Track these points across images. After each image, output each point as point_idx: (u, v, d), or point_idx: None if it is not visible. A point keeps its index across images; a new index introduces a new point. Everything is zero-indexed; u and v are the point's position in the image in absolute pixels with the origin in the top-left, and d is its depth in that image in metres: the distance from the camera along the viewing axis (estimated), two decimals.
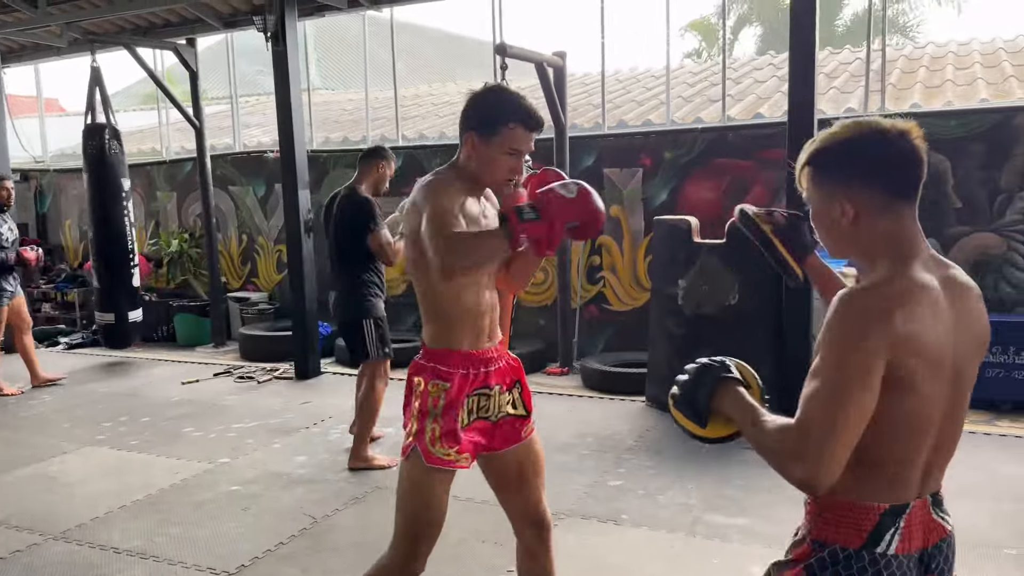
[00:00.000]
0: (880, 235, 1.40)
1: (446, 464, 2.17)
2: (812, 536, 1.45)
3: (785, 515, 3.69)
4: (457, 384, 2.19)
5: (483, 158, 2.16)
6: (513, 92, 2.22)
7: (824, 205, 1.44)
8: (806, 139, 4.78)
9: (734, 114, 6.94)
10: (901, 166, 1.41)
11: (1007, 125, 5.68)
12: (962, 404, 1.45)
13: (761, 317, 5.18)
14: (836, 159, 1.42)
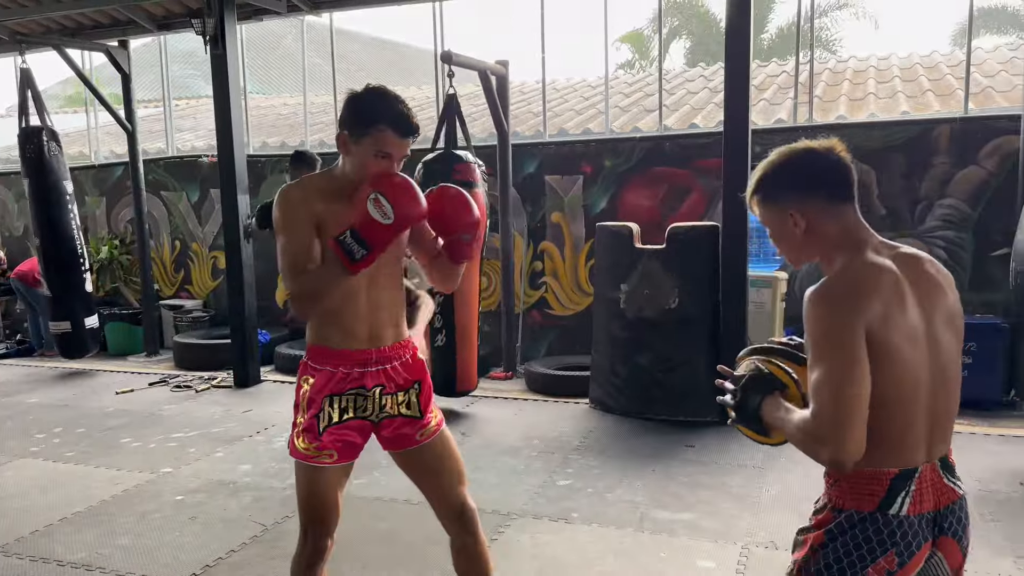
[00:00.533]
0: (831, 235, 1.63)
1: (306, 459, 2.22)
2: (832, 504, 1.61)
3: (728, 510, 3.86)
4: (320, 381, 2.22)
5: (354, 158, 2.15)
6: (391, 95, 2.17)
7: (778, 222, 1.67)
8: (741, 149, 5.00)
9: (670, 124, 7.15)
10: (834, 174, 1.64)
11: (926, 136, 6.01)
12: (948, 371, 1.60)
13: (699, 320, 5.35)
14: (780, 181, 1.66)
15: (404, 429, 2.30)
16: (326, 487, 2.25)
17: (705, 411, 5.31)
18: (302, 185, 2.23)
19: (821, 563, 1.59)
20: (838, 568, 1.57)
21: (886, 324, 1.50)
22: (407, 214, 2.07)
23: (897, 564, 1.55)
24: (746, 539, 3.53)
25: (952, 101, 6.73)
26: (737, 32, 5.20)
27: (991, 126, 5.87)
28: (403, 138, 2.14)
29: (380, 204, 2.04)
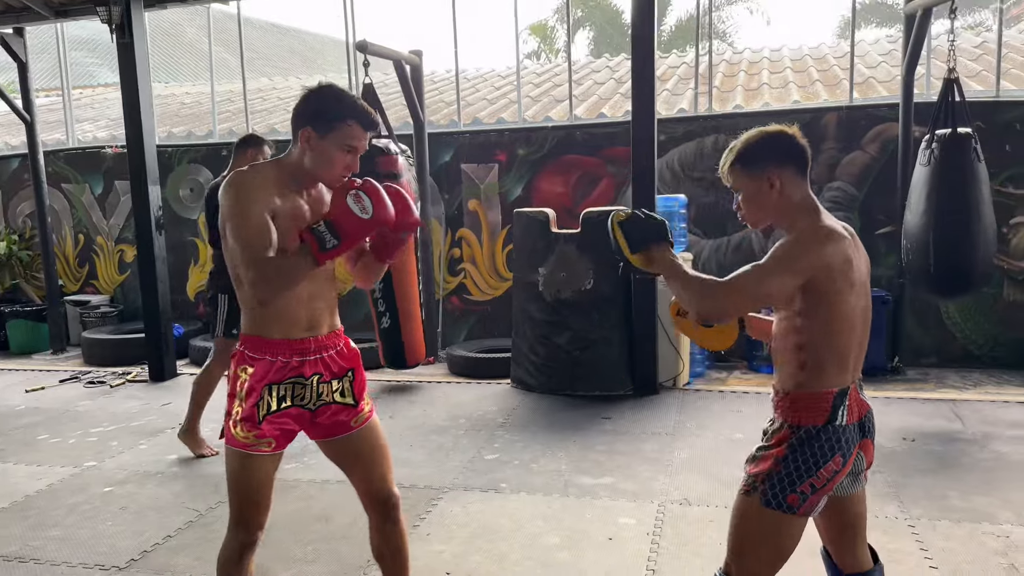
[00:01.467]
0: (797, 201, 2.02)
1: (245, 447, 2.21)
2: (789, 422, 1.97)
3: (643, 473, 4.15)
4: (260, 370, 2.22)
5: (320, 153, 2.17)
6: (348, 92, 2.25)
7: (755, 185, 2.02)
8: (648, 137, 5.29)
9: (579, 114, 7.42)
10: (801, 152, 2.04)
11: (816, 124, 6.47)
12: (867, 314, 2.03)
13: (613, 299, 5.64)
14: (760, 152, 2.02)
15: (339, 416, 2.34)
16: (262, 475, 2.26)
17: (620, 386, 5.62)
18: (255, 172, 2.21)
19: (784, 471, 1.94)
20: (799, 472, 1.93)
21: (842, 271, 1.91)
22: (384, 215, 2.12)
23: (841, 463, 1.94)
24: (662, 498, 3.81)
25: (838, 91, 7.24)
26: (642, 28, 5.49)
27: (873, 114, 6.38)
28: (367, 131, 2.21)
29: (360, 200, 2.08)
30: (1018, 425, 4.70)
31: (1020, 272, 6.15)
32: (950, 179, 4.82)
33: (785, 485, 1.93)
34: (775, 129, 2.03)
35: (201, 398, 4.62)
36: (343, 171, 2.21)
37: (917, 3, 5.54)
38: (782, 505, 1.94)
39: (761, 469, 1.97)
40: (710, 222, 6.75)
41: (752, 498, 1.98)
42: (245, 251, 2.11)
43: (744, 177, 2.02)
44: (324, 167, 2.19)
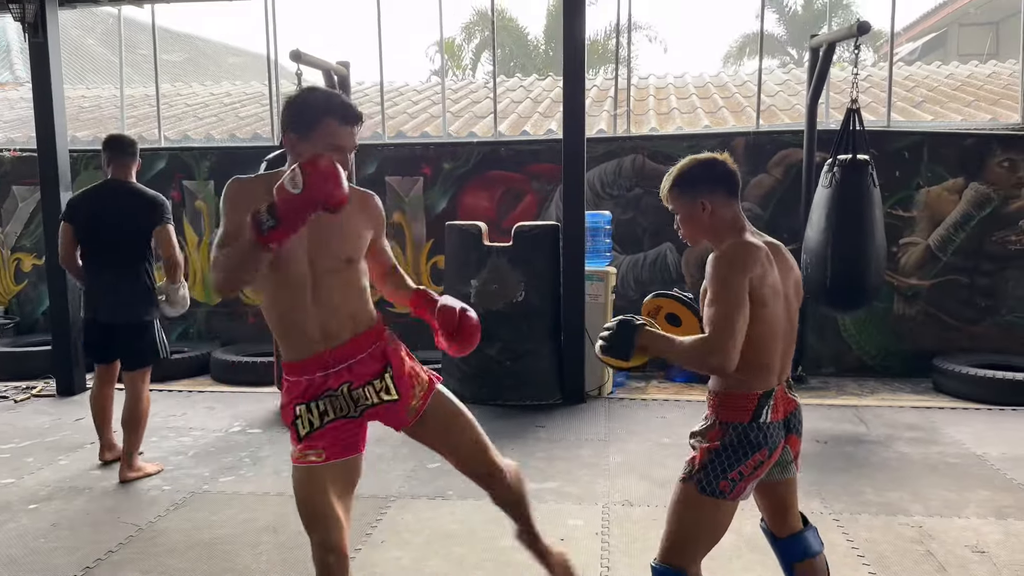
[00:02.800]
0: (726, 221, 2.22)
1: (294, 460, 2.29)
2: (720, 419, 2.18)
3: (584, 477, 4.31)
4: (290, 391, 2.32)
5: (304, 156, 2.10)
6: (327, 90, 2.26)
7: (689, 207, 2.22)
8: (578, 156, 5.50)
9: (502, 130, 7.59)
10: (730, 177, 2.25)
11: (725, 147, 6.85)
12: (793, 322, 2.26)
13: (543, 311, 5.80)
14: (694, 177, 2.23)
15: (391, 412, 2.37)
16: (317, 488, 2.24)
17: (550, 395, 5.79)
18: (252, 179, 2.30)
19: (716, 460, 2.15)
20: (729, 462, 2.15)
21: (762, 282, 2.10)
22: (320, 191, 1.97)
23: (767, 455, 2.16)
24: (605, 499, 3.98)
25: (743, 117, 7.71)
26: (573, 54, 5.70)
27: (778, 139, 6.84)
28: (350, 126, 2.19)
29: (295, 175, 1.98)
30: (915, 428, 5.14)
31: (908, 288, 6.72)
32: (849, 201, 5.24)
33: (718, 473, 2.14)
34: (707, 156, 2.23)
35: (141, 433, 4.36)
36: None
37: (822, 38, 6.01)
38: (715, 491, 2.15)
39: (697, 458, 2.19)
40: (628, 238, 7.04)
41: (689, 485, 2.19)
42: (216, 247, 2.17)
43: (680, 199, 2.22)
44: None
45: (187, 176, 7.54)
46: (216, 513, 3.86)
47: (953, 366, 6.03)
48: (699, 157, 2.24)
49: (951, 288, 6.70)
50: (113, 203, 4.28)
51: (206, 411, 5.73)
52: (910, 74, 9.88)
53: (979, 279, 6.68)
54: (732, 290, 2.05)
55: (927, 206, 6.69)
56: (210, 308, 7.57)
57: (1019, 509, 3.80)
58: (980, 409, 5.60)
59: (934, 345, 6.59)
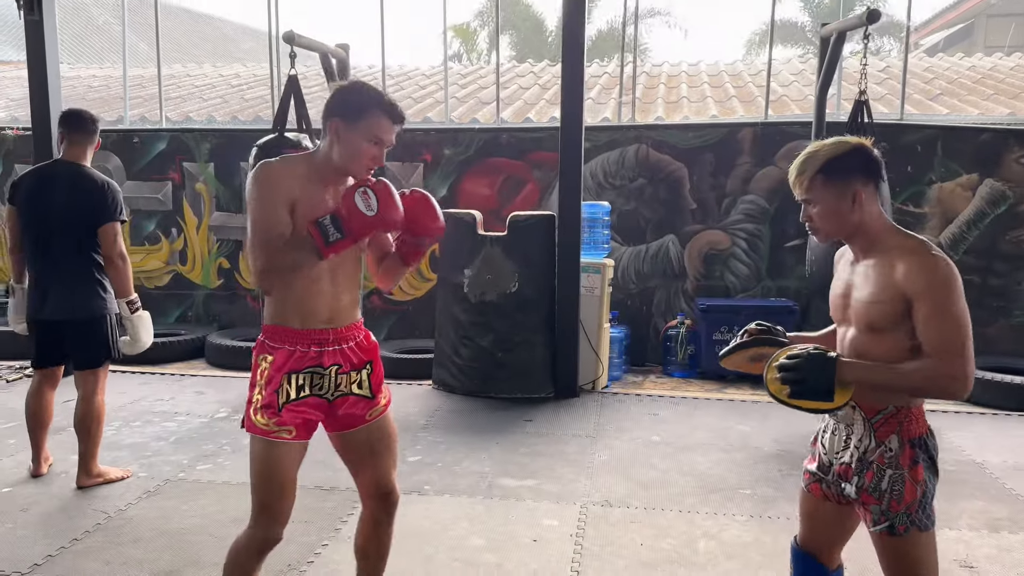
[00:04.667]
0: (875, 216, 1.98)
1: (266, 434, 2.22)
2: (906, 437, 1.95)
3: (565, 475, 4.21)
4: (280, 358, 2.25)
5: (347, 144, 2.21)
6: (376, 88, 2.29)
7: (837, 198, 1.96)
8: (576, 145, 5.35)
9: (505, 117, 7.46)
10: (880, 168, 2.01)
11: (732, 138, 6.70)
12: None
13: (537, 303, 5.69)
14: (848, 165, 1.96)
15: (355, 408, 2.35)
16: (284, 464, 2.24)
17: (542, 388, 5.68)
18: (283, 163, 2.25)
19: (927, 490, 1.95)
20: (932, 482, 1.97)
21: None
22: (390, 215, 2.14)
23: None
24: (584, 499, 3.87)
25: (753, 107, 7.53)
26: (572, 37, 5.56)
27: (787, 131, 6.65)
28: (395, 125, 2.23)
29: (367, 197, 2.11)
30: None
31: None
32: None
33: (928, 501, 1.95)
34: (857, 142, 1.99)
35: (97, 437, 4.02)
36: (369, 163, 2.24)
37: (832, 27, 5.81)
38: (932, 521, 1.95)
39: (910, 499, 1.92)
40: (630, 230, 6.90)
41: (908, 535, 1.93)
42: (255, 241, 2.16)
43: (828, 187, 1.96)
44: (350, 158, 2.21)
45: (187, 158, 7.48)
46: (187, 502, 3.80)
47: None
48: (849, 140, 1.99)
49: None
50: (61, 187, 3.83)
51: (195, 396, 5.68)
52: (930, 66, 9.62)
53: (991, 279, 6.49)
54: (960, 305, 1.84)
55: (939, 202, 6.49)
56: (209, 290, 7.53)
57: (1014, 522, 3.66)
58: (985, 414, 5.43)
59: None
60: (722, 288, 6.86)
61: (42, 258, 3.87)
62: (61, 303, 3.85)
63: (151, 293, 7.55)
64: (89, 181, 3.86)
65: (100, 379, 4.00)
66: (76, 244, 3.85)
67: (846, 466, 2.03)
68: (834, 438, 2.08)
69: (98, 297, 3.91)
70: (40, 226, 3.85)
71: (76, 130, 3.90)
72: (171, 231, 7.52)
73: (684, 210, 6.86)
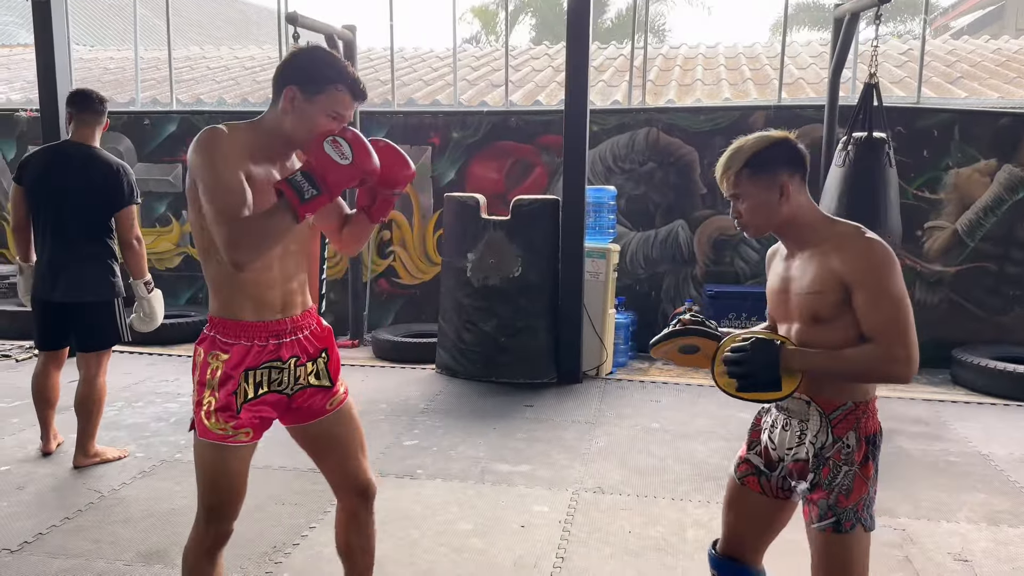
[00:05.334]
0: (804, 207, 1.96)
1: (221, 439, 2.07)
2: (862, 434, 1.91)
3: (560, 461, 4.18)
4: (236, 356, 2.08)
5: (302, 116, 2.03)
6: (337, 55, 2.11)
7: (765, 190, 1.93)
8: (580, 127, 5.27)
9: (516, 100, 7.39)
10: (805, 158, 1.98)
11: (744, 122, 6.58)
12: None
13: (541, 288, 5.65)
14: (771, 157, 1.94)
15: (314, 400, 2.22)
16: (238, 467, 2.11)
17: (545, 373, 5.65)
18: (230, 129, 2.02)
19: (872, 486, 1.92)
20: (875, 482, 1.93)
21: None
22: (367, 163, 1.95)
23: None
24: (576, 485, 3.84)
25: (768, 90, 7.38)
26: (578, 16, 5.48)
27: (800, 114, 6.52)
28: (356, 101, 2.08)
29: (339, 145, 1.91)
30: (922, 422, 4.89)
31: (932, 275, 6.40)
32: (861, 181, 4.95)
33: (873, 500, 1.92)
34: (780, 135, 1.97)
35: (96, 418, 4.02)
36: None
37: (846, 7, 5.67)
38: (873, 521, 1.92)
39: (858, 496, 1.89)
40: (639, 214, 6.82)
41: (853, 532, 1.88)
42: (217, 210, 1.92)
43: (754, 180, 1.93)
44: (305, 132, 2.03)
45: None
46: (180, 483, 3.82)
47: (971, 357, 5.73)
48: (773, 134, 1.96)
49: (978, 276, 6.36)
50: (73, 169, 3.82)
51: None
52: (953, 48, 9.38)
53: (1008, 267, 6.34)
54: (899, 287, 1.81)
55: (956, 188, 6.34)
56: None
57: (1015, 515, 3.58)
58: (996, 404, 5.32)
59: (957, 335, 6.27)
60: (732, 274, 6.76)
61: (53, 239, 3.85)
62: (73, 285, 3.84)
63: (162, 275, 7.60)
64: (104, 164, 3.85)
65: (103, 361, 4.02)
66: (88, 226, 3.86)
67: (801, 463, 1.96)
68: (785, 433, 2.01)
69: (108, 280, 3.93)
70: (51, 207, 3.83)
71: (84, 110, 3.86)
72: (182, 213, 7.56)
73: (694, 195, 6.76)
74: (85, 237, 3.86)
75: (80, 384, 4.00)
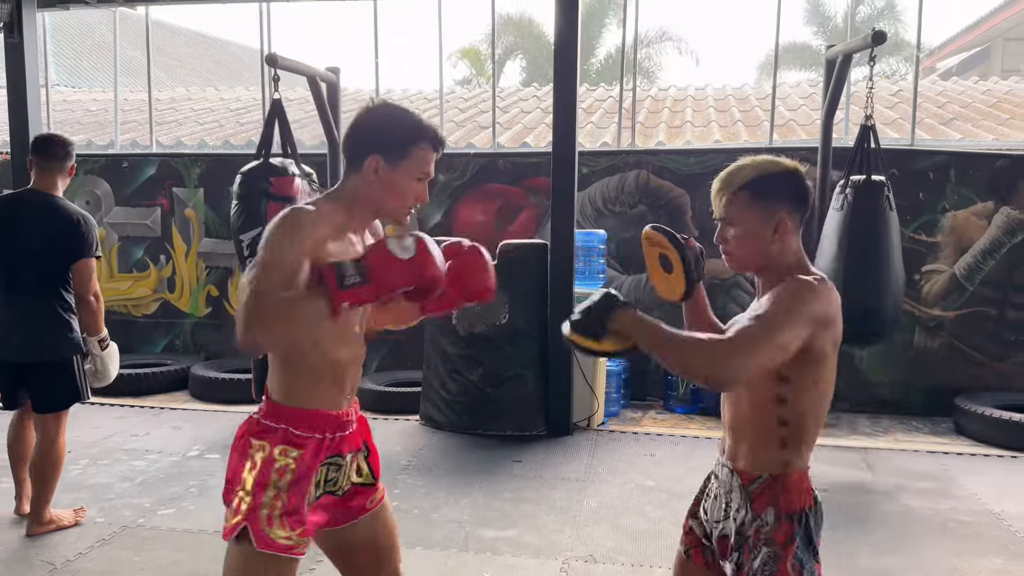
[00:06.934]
0: (792, 248, 1.77)
1: (284, 550, 1.78)
2: (784, 513, 1.69)
3: (549, 524, 3.93)
4: (311, 451, 1.84)
5: (389, 186, 1.85)
6: (407, 109, 1.95)
7: (758, 221, 1.74)
8: (568, 169, 5.09)
9: (503, 142, 7.26)
10: (810, 198, 1.79)
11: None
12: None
13: (528, 335, 5.43)
14: (778, 186, 1.74)
15: (356, 499, 1.99)
16: None
17: (533, 425, 5.41)
18: (317, 208, 1.83)
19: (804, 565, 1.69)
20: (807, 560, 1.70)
21: (830, 332, 1.68)
22: (427, 269, 1.75)
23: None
24: (566, 554, 3.59)
25: (759, 132, 7.28)
26: (565, 57, 5.36)
27: (792, 156, 6.26)
28: (438, 152, 1.92)
29: (405, 244, 1.73)
30: (928, 477, 4.67)
31: (931, 319, 6.22)
32: (862, 225, 4.81)
33: None
34: (793, 167, 1.76)
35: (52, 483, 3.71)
36: (414, 202, 1.92)
37: (838, 49, 5.57)
38: None
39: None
40: (631, 258, 6.64)
41: None
42: (254, 280, 1.69)
43: (751, 206, 1.74)
44: (395, 200, 1.88)
45: (177, 183, 7.31)
46: (140, 552, 3.56)
47: (975, 406, 5.53)
48: (782, 162, 1.76)
49: (978, 320, 6.19)
50: (29, 218, 3.58)
51: (170, 431, 5.44)
52: (944, 90, 9.35)
53: (1009, 311, 6.17)
54: (792, 319, 1.61)
55: (953, 231, 6.20)
56: (196, 319, 7.32)
57: None
58: (1004, 456, 5.10)
59: (957, 381, 6.08)
60: (725, 319, 6.56)
61: (5, 294, 3.60)
62: (25, 344, 3.58)
63: (138, 321, 7.37)
64: (62, 215, 3.60)
65: (62, 422, 3.73)
66: (43, 280, 3.60)
67: (725, 540, 1.77)
68: (715, 504, 1.82)
69: (65, 337, 3.65)
70: (4, 259, 3.59)
71: (43, 156, 3.65)
72: (159, 258, 7.35)
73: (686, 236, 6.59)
74: (40, 292, 3.59)
75: (36, 448, 3.71)
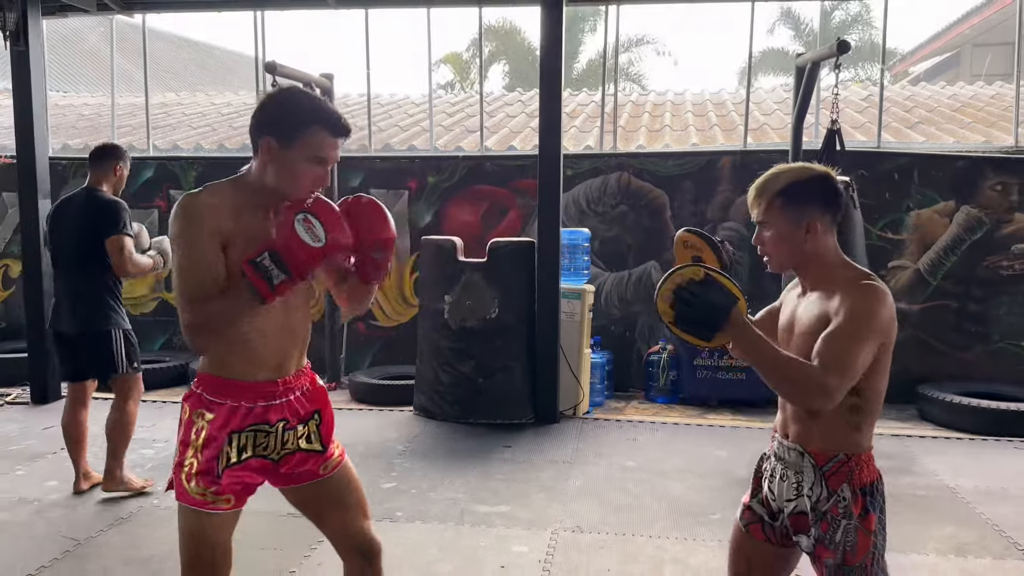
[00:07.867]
0: (830, 248, 1.94)
1: (200, 505, 1.96)
2: (857, 487, 1.87)
3: (539, 500, 4.22)
4: (222, 417, 1.97)
5: (283, 167, 1.92)
6: (313, 94, 2.01)
7: (791, 225, 1.92)
8: (554, 172, 5.38)
9: (490, 145, 7.55)
10: (840, 199, 1.95)
11: (712, 166, 6.78)
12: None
13: (517, 329, 5.72)
14: (805, 192, 1.92)
15: (306, 465, 2.10)
16: (220, 534, 2.01)
17: (522, 414, 5.70)
18: (210, 193, 1.93)
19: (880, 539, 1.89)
20: (884, 534, 1.90)
21: (891, 333, 1.86)
22: (339, 240, 1.87)
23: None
24: (555, 525, 3.88)
25: (734, 135, 7.62)
26: (550, 64, 5.66)
27: (765, 159, 6.70)
28: (338, 138, 1.95)
29: (310, 224, 1.83)
30: (890, 457, 4.98)
31: (897, 313, 6.55)
32: None
33: (882, 553, 1.88)
34: (824, 172, 1.93)
35: (121, 445, 4.22)
36: (311, 186, 1.94)
37: (807, 57, 5.91)
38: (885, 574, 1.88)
39: (864, 551, 1.84)
40: (613, 256, 6.95)
41: None
42: (181, 290, 1.88)
43: (784, 212, 1.91)
44: (289, 182, 1.93)
45: (175, 186, 7.54)
46: (158, 529, 3.80)
47: (937, 393, 5.88)
48: (815, 167, 1.94)
49: (941, 313, 6.55)
50: (73, 210, 4.19)
51: (174, 422, 5.61)
52: (912, 94, 9.74)
53: (970, 304, 6.53)
54: (870, 331, 1.78)
55: (917, 229, 6.56)
56: None
57: (981, 547, 3.67)
58: (963, 439, 5.45)
59: (922, 371, 6.42)
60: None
61: (58, 275, 4.27)
62: (70, 317, 4.16)
63: (136, 320, 7.54)
64: (97, 201, 4.16)
65: (130, 388, 4.25)
66: (83, 260, 4.13)
67: (802, 517, 1.92)
68: (783, 484, 1.97)
69: (102, 312, 4.16)
70: (56, 245, 4.26)
71: (90, 159, 4.31)
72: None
73: (665, 236, 6.90)
74: (79, 270, 4.14)
75: (111, 408, 4.27)
